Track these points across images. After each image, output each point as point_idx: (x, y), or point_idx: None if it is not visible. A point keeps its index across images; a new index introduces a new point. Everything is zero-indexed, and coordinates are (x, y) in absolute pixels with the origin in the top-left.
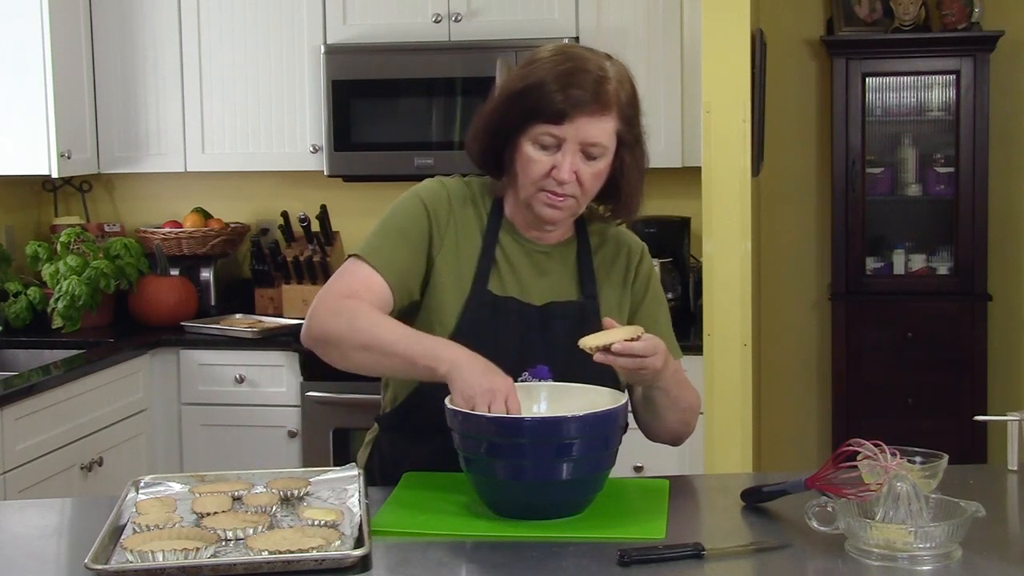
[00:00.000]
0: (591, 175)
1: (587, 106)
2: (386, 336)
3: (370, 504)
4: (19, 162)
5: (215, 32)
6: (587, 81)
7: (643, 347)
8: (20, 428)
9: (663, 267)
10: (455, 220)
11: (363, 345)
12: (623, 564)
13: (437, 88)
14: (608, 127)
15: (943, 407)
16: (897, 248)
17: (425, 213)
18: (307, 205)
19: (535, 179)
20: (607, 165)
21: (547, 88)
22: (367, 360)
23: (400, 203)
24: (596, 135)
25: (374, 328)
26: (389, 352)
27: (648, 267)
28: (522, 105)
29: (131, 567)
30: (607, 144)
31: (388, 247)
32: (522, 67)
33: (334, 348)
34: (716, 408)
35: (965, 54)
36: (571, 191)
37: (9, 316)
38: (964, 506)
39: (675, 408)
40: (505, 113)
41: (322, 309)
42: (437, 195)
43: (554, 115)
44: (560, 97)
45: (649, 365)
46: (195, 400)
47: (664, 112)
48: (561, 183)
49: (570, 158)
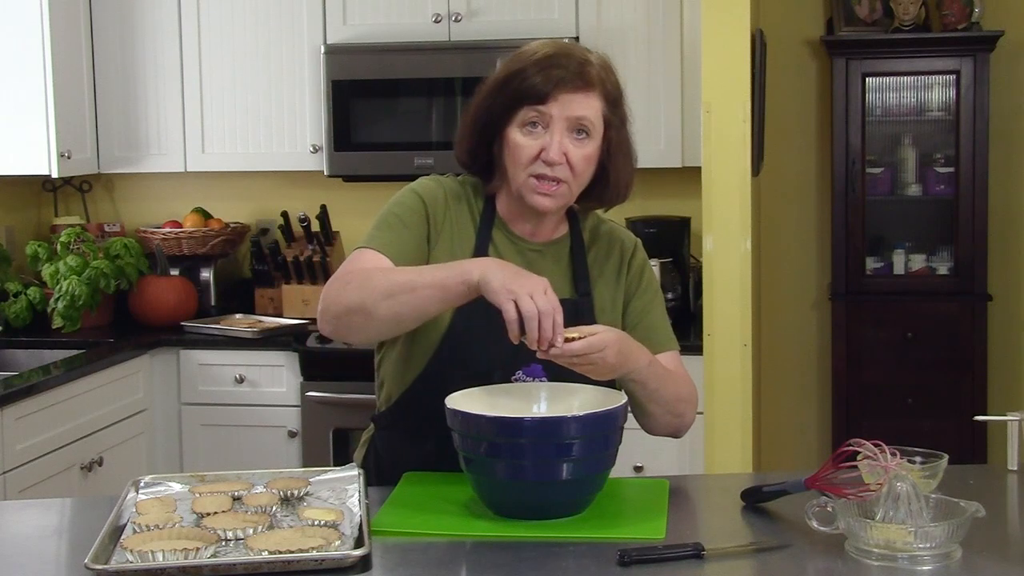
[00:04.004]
0: (581, 157)
1: (570, 83)
2: (404, 277)
3: (370, 504)
4: (19, 162)
5: (215, 32)
6: (569, 62)
7: (581, 346)
8: (20, 428)
9: (663, 267)
10: (450, 216)
11: (386, 294)
12: (623, 564)
13: (437, 88)
14: (594, 104)
15: (943, 407)
16: (897, 248)
17: (422, 207)
18: (307, 205)
19: (525, 164)
20: (596, 148)
21: (528, 72)
22: (395, 307)
23: (397, 198)
24: (582, 110)
25: (389, 276)
26: (415, 287)
27: (641, 260)
28: (505, 93)
29: (131, 567)
30: (594, 120)
31: (390, 236)
32: (506, 61)
33: (357, 313)
34: (716, 408)
35: (965, 54)
36: (562, 174)
37: (9, 316)
38: (964, 506)
39: (656, 401)
40: (490, 105)
41: (331, 290)
42: (433, 191)
43: (538, 95)
44: (541, 78)
45: (597, 361)
46: (195, 400)
47: (664, 112)
48: (551, 163)
49: (558, 137)
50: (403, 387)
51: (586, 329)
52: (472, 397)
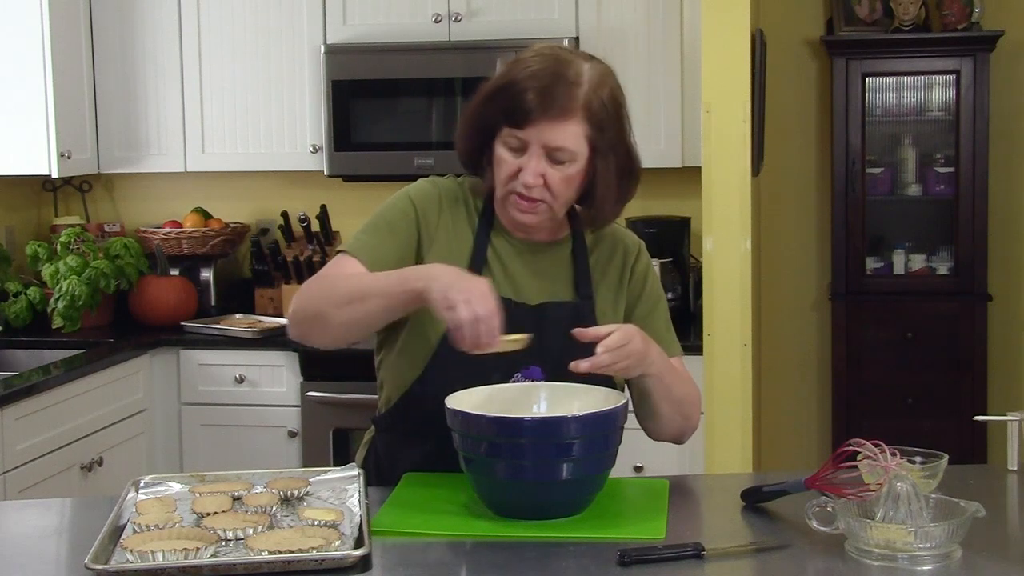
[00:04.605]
0: (559, 179)
1: (548, 110)
2: (360, 285)
3: (370, 504)
4: (19, 162)
5: (215, 32)
6: (553, 84)
7: (617, 338)
8: (20, 428)
9: (663, 267)
10: (446, 220)
11: (341, 302)
12: (623, 564)
13: (437, 88)
14: (574, 131)
15: (943, 407)
16: (897, 248)
17: (413, 212)
18: (307, 205)
19: (504, 180)
20: (579, 171)
21: (513, 90)
22: (348, 315)
23: (390, 201)
24: (559, 139)
25: (348, 283)
26: (365, 296)
27: (645, 264)
28: (494, 106)
29: (131, 567)
30: (573, 149)
31: (373, 242)
32: (504, 66)
33: (316, 320)
34: (716, 408)
35: (965, 54)
36: (539, 195)
37: (9, 316)
38: (964, 506)
39: (669, 399)
40: (482, 114)
41: (298, 296)
42: (427, 194)
43: (517, 118)
44: (522, 100)
45: (632, 353)
46: (195, 400)
47: (664, 112)
48: (526, 187)
49: (534, 162)
50: (402, 390)
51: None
52: (472, 397)
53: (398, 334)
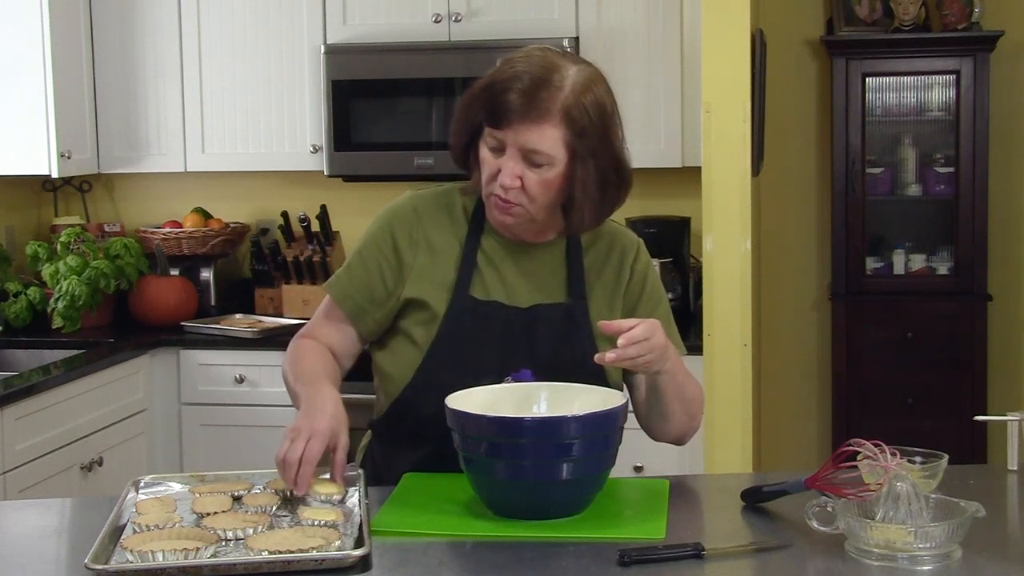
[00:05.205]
0: (537, 183)
1: (527, 112)
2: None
3: (370, 504)
4: (19, 162)
5: (215, 32)
6: (534, 87)
7: (641, 330)
8: (20, 428)
9: (663, 267)
10: (426, 232)
11: (288, 384)
12: (623, 564)
13: (437, 88)
14: (551, 135)
15: (943, 407)
16: (897, 248)
17: (388, 237)
18: (307, 205)
19: (486, 180)
20: (557, 175)
21: (495, 90)
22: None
23: (368, 229)
24: (534, 142)
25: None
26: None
27: (644, 264)
28: (478, 105)
29: (131, 567)
30: (550, 152)
31: (344, 278)
32: (497, 65)
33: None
34: (716, 408)
35: (965, 54)
36: (515, 198)
37: (9, 316)
38: (964, 506)
39: (680, 397)
40: (467, 112)
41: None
42: (402, 214)
43: (496, 118)
44: (502, 101)
45: (656, 347)
46: (195, 400)
47: (664, 112)
48: (503, 188)
49: (511, 163)
50: (394, 396)
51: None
52: (472, 397)
53: (388, 341)
